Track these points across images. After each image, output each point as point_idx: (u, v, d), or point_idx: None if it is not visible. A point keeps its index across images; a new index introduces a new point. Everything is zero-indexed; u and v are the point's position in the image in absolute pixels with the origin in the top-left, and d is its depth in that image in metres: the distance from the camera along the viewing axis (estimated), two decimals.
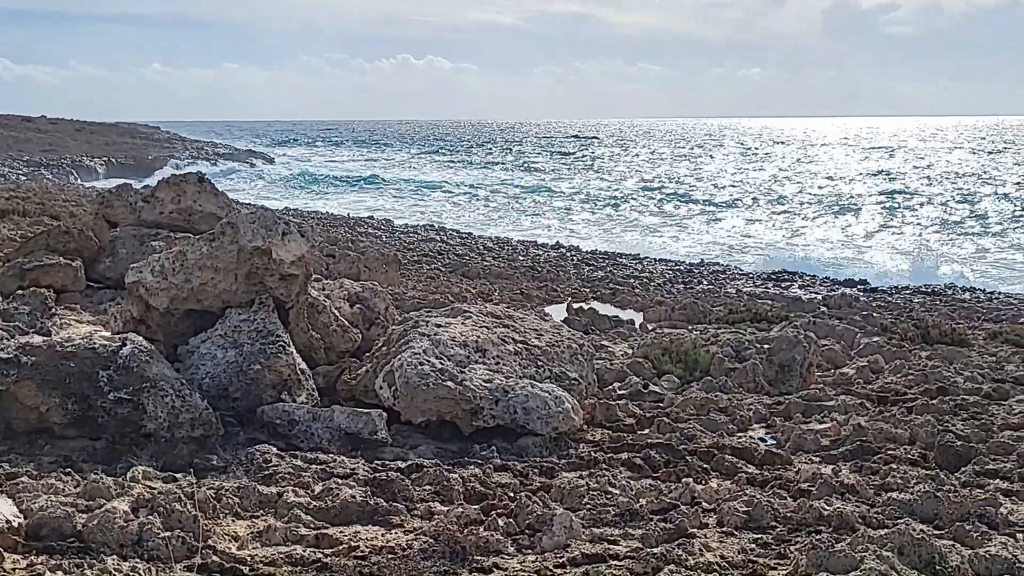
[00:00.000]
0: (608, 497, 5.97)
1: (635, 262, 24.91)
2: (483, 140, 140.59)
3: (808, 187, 56.85)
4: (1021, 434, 8.05)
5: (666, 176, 66.84)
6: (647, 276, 21.72)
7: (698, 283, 21.09)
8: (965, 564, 4.81)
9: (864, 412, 8.75)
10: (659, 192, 54.17)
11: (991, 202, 46.52)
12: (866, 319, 15.67)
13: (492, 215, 42.25)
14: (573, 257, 24.84)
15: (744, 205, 47.22)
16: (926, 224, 38.91)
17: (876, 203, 47.01)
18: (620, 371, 9.86)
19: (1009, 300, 20.19)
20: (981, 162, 79.16)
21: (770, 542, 5.36)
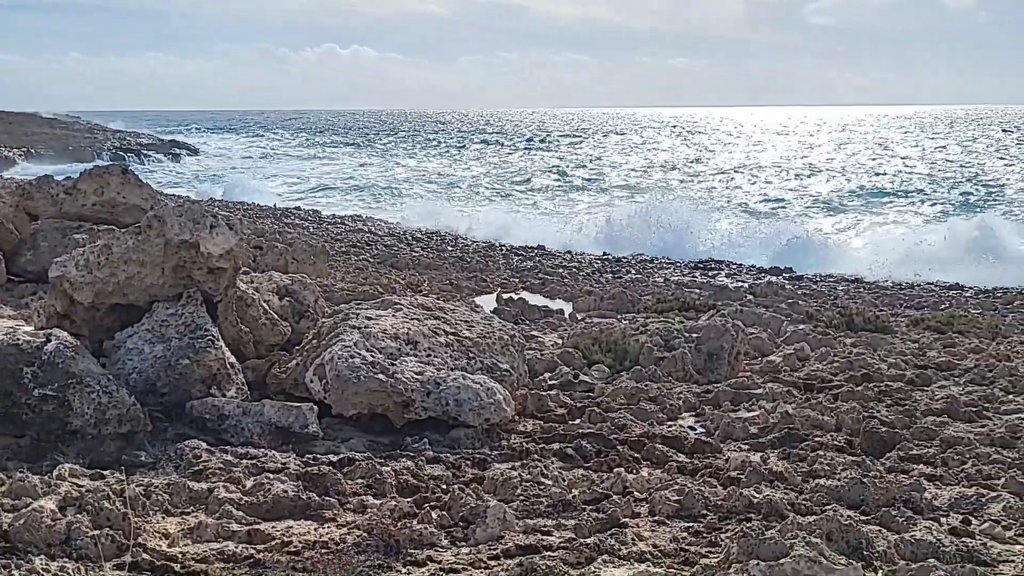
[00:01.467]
0: (541, 488, 5.99)
1: (564, 252, 25.00)
2: (406, 129, 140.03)
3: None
4: (943, 419, 8.23)
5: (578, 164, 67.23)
6: (576, 265, 21.80)
7: (626, 272, 21.23)
8: (891, 549, 4.89)
9: (791, 399, 8.87)
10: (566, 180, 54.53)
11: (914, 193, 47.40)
12: (792, 307, 15.89)
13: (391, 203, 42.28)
14: (502, 247, 24.87)
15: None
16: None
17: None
18: (551, 361, 9.89)
19: (931, 287, 20.58)
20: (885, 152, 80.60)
21: (701, 530, 5.42)
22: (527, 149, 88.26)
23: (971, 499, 6.00)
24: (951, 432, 7.73)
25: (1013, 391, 9.49)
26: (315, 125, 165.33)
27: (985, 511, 5.82)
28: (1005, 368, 10.34)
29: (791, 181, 52.96)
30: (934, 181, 51.85)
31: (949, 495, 6.11)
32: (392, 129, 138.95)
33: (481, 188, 50.22)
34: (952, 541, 5.08)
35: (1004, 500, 5.94)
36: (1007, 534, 5.41)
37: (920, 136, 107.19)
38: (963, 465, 6.83)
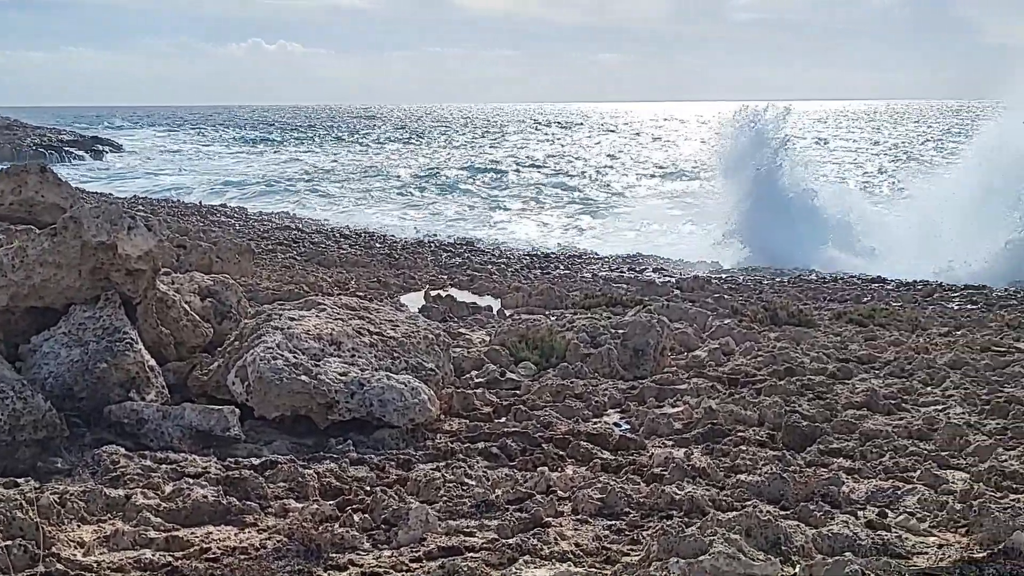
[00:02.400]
0: (464, 488, 5.98)
1: (492, 248, 25.01)
2: (331, 124, 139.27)
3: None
4: (863, 412, 8.35)
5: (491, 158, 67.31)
6: (504, 262, 21.82)
7: (555, 268, 21.29)
8: (809, 543, 4.95)
9: (715, 395, 8.94)
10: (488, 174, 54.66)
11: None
12: (718, 301, 16.04)
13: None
14: (431, 244, 24.81)
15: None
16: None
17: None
18: (477, 359, 9.89)
19: (852, 281, 20.88)
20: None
21: (624, 528, 5.45)
22: (444, 145, 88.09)
23: (887, 492, 6.10)
24: (870, 425, 7.86)
25: (931, 383, 9.66)
26: (241, 120, 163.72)
27: (901, 504, 5.93)
28: (923, 360, 10.52)
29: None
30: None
31: (866, 488, 6.20)
32: (320, 124, 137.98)
33: (400, 182, 50.14)
34: (868, 534, 5.16)
35: (919, 492, 6.04)
36: (921, 526, 5.51)
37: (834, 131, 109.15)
38: (881, 458, 6.93)
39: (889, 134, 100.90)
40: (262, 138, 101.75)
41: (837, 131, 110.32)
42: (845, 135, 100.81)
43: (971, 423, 8.06)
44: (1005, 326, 13.93)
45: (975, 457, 7.08)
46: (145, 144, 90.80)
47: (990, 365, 10.48)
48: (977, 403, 8.77)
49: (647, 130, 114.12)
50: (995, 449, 7.18)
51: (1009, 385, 9.58)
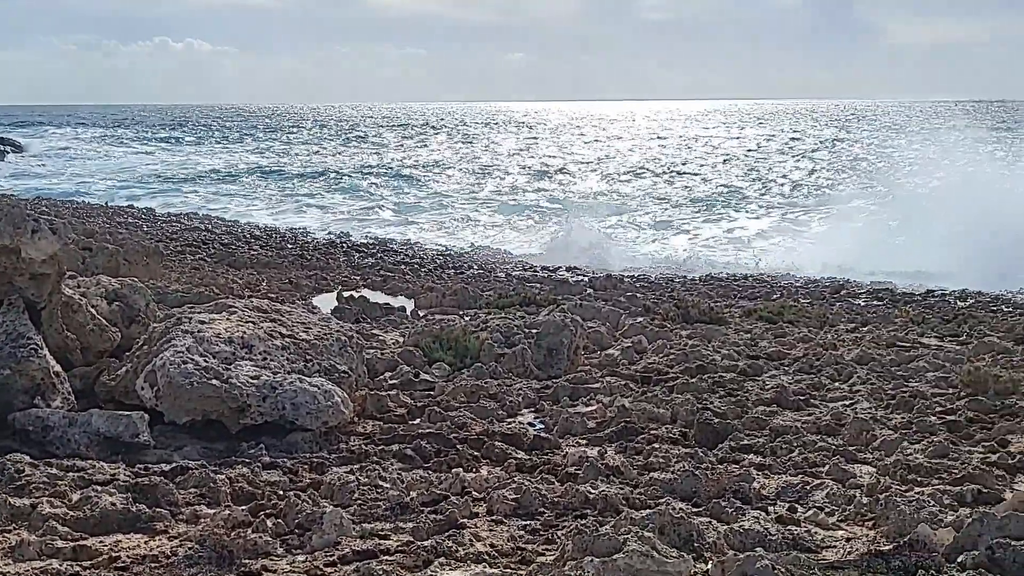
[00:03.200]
0: (379, 491, 5.96)
1: (405, 247, 24.93)
2: (238, 124, 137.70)
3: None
4: (773, 409, 8.48)
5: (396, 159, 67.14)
6: (418, 262, 21.75)
7: (468, 268, 21.26)
8: (721, 540, 5.02)
9: (628, 393, 9.02)
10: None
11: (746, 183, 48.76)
12: (630, 300, 16.13)
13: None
14: (343, 244, 24.65)
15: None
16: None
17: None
18: (391, 360, 9.85)
19: (762, 278, 21.18)
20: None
21: (538, 528, 5.47)
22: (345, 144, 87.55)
23: (797, 487, 6.21)
24: (780, 421, 7.98)
25: (839, 379, 9.85)
26: (147, 119, 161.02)
27: (810, 498, 6.04)
28: (831, 357, 10.72)
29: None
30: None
31: (777, 484, 6.31)
32: (228, 124, 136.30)
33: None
34: (779, 529, 5.24)
35: (828, 487, 6.16)
36: (830, 520, 5.61)
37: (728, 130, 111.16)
38: (790, 454, 7.05)
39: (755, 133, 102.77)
40: (168, 137, 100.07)
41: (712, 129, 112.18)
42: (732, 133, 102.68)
43: (877, 418, 8.23)
44: (909, 322, 14.24)
45: (881, 451, 7.23)
46: (48, 144, 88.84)
47: (895, 360, 10.71)
48: (883, 398, 8.96)
49: (561, 129, 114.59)
50: (900, 443, 7.34)
51: (913, 380, 9.80)
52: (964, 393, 9.01)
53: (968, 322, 14.01)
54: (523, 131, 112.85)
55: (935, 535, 4.97)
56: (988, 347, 11.57)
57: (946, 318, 14.73)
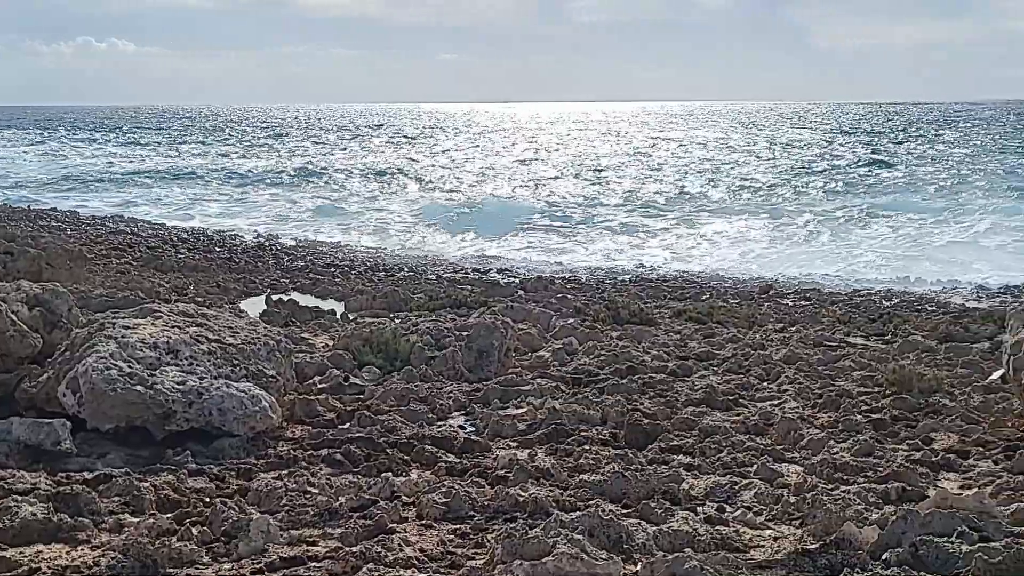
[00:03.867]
0: (307, 497, 5.90)
1: (335, 250, 24.78)
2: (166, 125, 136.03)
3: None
4: (702, 409, 8.54)
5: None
6: (348, 264, 21.63)
7: (399, 270, 21.18)
8: (650, 541, 5.04)
9: (559, 395, 9.02)
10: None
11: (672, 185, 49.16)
12: (561, 301, 16.17)
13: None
14: (272, 247, 24.45)
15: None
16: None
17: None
18: (320, 364, 9.77)
19: (692, 279, 21.35)
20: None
21: (468, 532, 5.44)
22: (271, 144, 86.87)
23: (725, 487, 6.25)
24: (709, 422, 8.04)
25: (767, 379, 9.94)
26: (70, 121, 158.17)
27: (738, 498, 6.08)
28: (760, 357, 10.82)
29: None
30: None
31: (705, 484, 6.34)
32: (157, 125, 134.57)
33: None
34: (707, 530, 5.27)
35: (756, 487, 6.21)
36: (758, 520, 5.66)
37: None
38: (719, 454, 7.10)
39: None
40: (92, 139, 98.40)
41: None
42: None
43: (804, 417, 8.32)
44: (836, 321, 14.43)
45: (808, 450, 7.31)
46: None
47: (822, 360, 10.84)
48: (810, 397, 9.07)
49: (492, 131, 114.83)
50: (827, 442, 7.43)
51: (840, 379, 9.92)
52: (889, 392, 9.15)
53: (893, 321, 14.23)
54: (459, 133, 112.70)
55: (860, 533, 5.02)
56: (912, 346, 11.76)
57: (871, 318, 14.95)
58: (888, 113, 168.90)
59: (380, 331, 10.62)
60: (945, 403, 8.76)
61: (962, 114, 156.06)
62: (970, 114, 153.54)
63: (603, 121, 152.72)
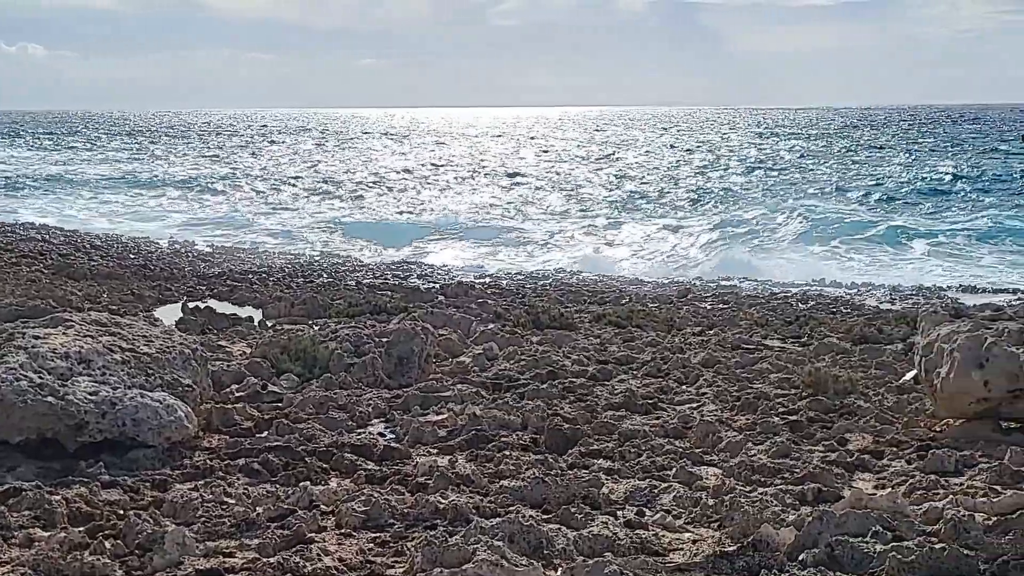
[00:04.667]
0: (224, 507, 5.81)
1: (253, 256, 24.53)
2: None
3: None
4: (622, 413, 8.57)
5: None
6: (266, 271, 21.41)
7: (318, 276, 21.00)
8: (570, 546, 5.04)
9: (479, 400, 9.00)
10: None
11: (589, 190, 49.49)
12: (482, 306, 16.14)
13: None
14: (188, 254, 24.12)
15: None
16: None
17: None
18: (238, 372, 9.64)
19: (611, 283, 21.47)
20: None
21: (388, 540, 5.41)
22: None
23: (645, 491, 6.28)
24: (628, 425, 8.08)
25: (686, 382, 10.03)
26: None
27: (658, 502, 6.11)
28: (679, 360, 10.90)
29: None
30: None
31: (625, 488, 6.37)
32: (66, 130, 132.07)
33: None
34: (627, 534, 5.30)
35: (675, 490, 6.25)
36: (677, 523, 5.70)
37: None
38: (639, 458, 7.14)
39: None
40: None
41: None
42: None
43: (723, 420, 8.40)
44: (754, 324, 14.59)
45: (727, 453, 7.37)
46: None
47: (740, 363, 10.95)
48: (728, 400, 9.16)
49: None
50: (745, 444, 7.51)
51: (758, 381, 10.04)
52: (805, 393, 9.27)
53: (809, 324, 14.42)
54: (375, 139, 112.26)
55: (777, 534, 5.08)
56: (828, 348, 11.94)
57: (788, 320, 15.14)
58: (811, 118, 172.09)
59: (298, 338, 10.52)
60: (860, 404, 8.90)
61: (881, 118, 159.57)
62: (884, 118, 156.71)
63: (524, 126, 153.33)
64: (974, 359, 7.78)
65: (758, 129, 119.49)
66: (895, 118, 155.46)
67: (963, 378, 7.79)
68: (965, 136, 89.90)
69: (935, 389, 8.17)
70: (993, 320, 8.77)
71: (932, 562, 4.65)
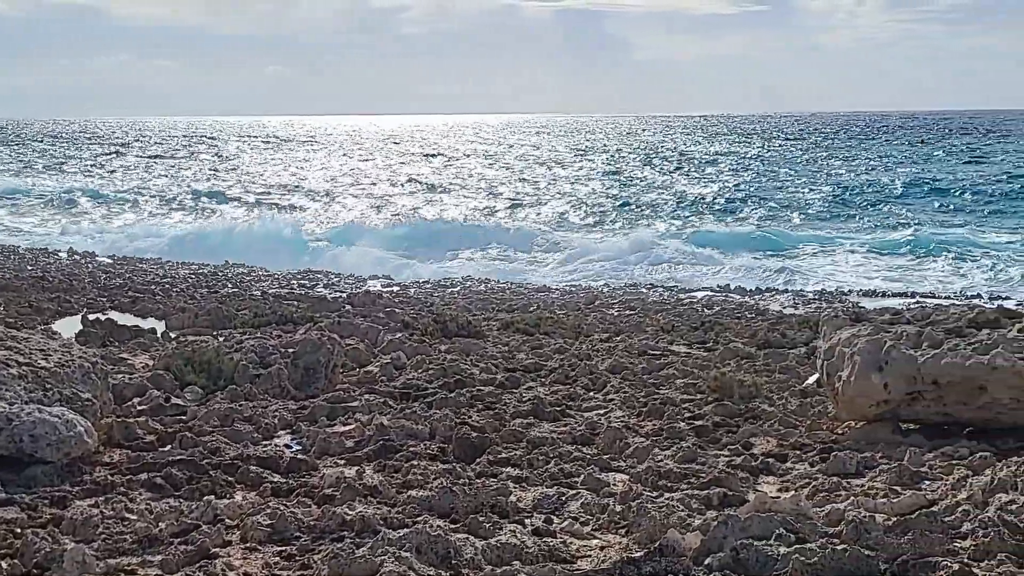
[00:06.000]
0: (125, 524, 5.69)
1: (156, 267, 24.13)
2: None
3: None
4: (530, 421, 8.60)
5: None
6: (169, 281, 21.06)
7: (223, 287, 20.72)
8: (478, 555, 5.03)
9: (387, 410, 8.95)
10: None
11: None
12: (389, 315, 16.05)
13: None
14: (88, 264, 23.65)
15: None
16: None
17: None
18: (140, 385, 9.46)
19: (519, 290, 21.53)
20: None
21: (294, 553, 5.34)
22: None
23: (553, 498, 6.29)
24: (536, 433, 8.10)
25: (593, 388, 10.09)
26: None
27: (566, 509, 6.13)
28: (586, 367, 10.96)
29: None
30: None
31: (533, 496, 6.38)
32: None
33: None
34: (535, 542, 5.30)
35: (583, 497, 6.27)
36: (585, 530, 5.72)
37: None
38: (547, 465, 7.15)
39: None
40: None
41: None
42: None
43: (630, 425, 8.47)
44: (660, 330, 14.73)
45: (634, 458, 7.43)
46: None
47: (647, 368, 11.05)
48: (635, 406, 9.23)
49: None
50: (652, 450, 7.57)
51: (664, 387, 10.14)
52: (711, 398, 9.39)
53: (714, 329, 14.59)
54: (275, 147, 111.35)
55: (684, 539, 5.12)
56: (733, 353, 12.10)
57: (694, 326, 15.29)
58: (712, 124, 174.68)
59: (203, 349, 10.36)
60: (764, 408, 9.03)
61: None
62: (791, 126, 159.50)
63: (435, 134, 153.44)
64: (874, 362, 7.95)
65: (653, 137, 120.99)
66: (798, 126, 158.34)
67: (863, 381, 7.96)
68: (860, 143, 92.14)
69: (837, 392, 8.33)
70: (892, 323, 8.92)
71: (834, 563, 4.73)
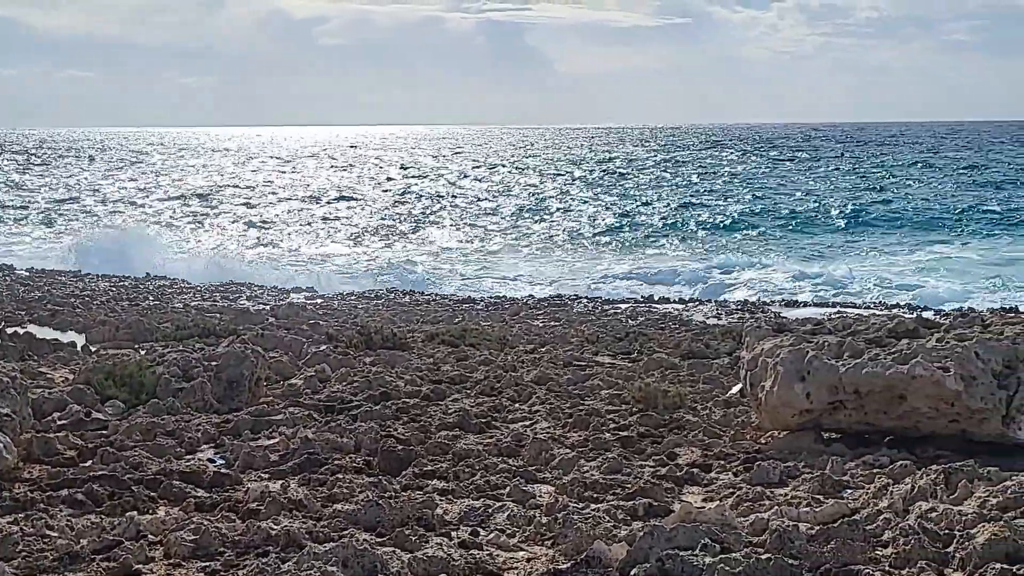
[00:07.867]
0: (46, 541, 5.60)
1: (75, 280, 23.73)
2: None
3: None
4: (456, 433, 8.60)
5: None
6: (89, 294, 20.72)
7: (144, 299, 20.43)
8: (405, 569, 5.03)
9: (312, 423, 8.90)
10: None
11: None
12: (313, 328, 15.95)
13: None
14: (6, 278, 23.20)
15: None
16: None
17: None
18: (60, 399, 9.30)
19: (444, 302, 21.52)
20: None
21: (219, 569, 5.31)
22: None
23: (479, 511, 6.31)
24: (462, 445, 8.10)
25: (519, 400, 10.11)
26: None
27: (492, 521, 6.14)
28: (512, 378, 11.00)
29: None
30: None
31: (460, 508, 6.39)
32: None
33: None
34: (461, 555, 5.31)
35: (509, 509, 6.29)
36: (511, 542, 5.74)
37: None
38: (473, 477, 7.17)
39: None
40: None
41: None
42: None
43: (556, 437, 8.51)
44: (585, 341, 14.81)
45: (560, 470, 7.47)
46: None
47: (572, 379, 11.11)
48: (561, 417, 9.28)
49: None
50: (577, 461, 7.62)
51: (589, 398, 10.20)
52: (636, 409, 9.47)
53: (639, 340, 14.70)
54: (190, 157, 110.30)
55: (610, 550, 5.16)
56: (657, 363, 12.20)
57: (618, 336, 15.39)
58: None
59: (124, 363, 10.22)
60: (688, 418, 9.13)
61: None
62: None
63: (353, 145, 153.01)
64: (796, 372, 8.08)
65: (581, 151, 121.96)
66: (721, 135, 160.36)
67: (786, 391, 8.08)
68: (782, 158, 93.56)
69: (760, 402, 8.45)
70: (814, 334, 9.07)
71: (759, 573, 4.80)
